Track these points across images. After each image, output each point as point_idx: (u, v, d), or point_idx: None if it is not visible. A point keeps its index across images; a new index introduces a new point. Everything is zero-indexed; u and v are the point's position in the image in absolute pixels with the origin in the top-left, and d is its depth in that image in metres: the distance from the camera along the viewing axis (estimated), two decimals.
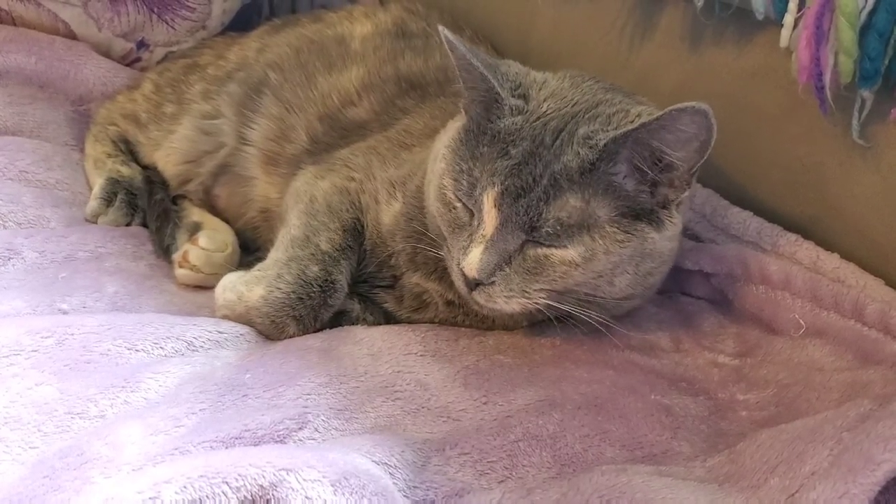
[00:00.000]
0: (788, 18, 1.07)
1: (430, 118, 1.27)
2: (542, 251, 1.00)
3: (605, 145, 0.97)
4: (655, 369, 1.07)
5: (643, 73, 1.37)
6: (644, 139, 0.96)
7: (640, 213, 1.01)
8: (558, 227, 0.98)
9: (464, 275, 1.01)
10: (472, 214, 1.03)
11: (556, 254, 0.99)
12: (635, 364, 1.08)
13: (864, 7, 0.99)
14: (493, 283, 1.01)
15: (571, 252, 0.99)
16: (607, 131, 0.99)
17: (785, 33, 1.08)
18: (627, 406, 0.97)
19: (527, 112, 1.02)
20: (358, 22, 1.48)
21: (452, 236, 1.05)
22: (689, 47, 1.31)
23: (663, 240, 1.03)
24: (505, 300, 1.02)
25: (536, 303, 1.02)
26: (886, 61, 1.00)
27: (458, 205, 1.04)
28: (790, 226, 1.17)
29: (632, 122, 1.00)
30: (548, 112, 1.02)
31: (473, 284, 1.01)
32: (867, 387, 0.96)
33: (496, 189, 0.99)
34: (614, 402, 0.97)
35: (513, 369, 1.04)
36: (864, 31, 1.00)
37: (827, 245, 1.13)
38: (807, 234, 1.16)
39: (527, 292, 1.01)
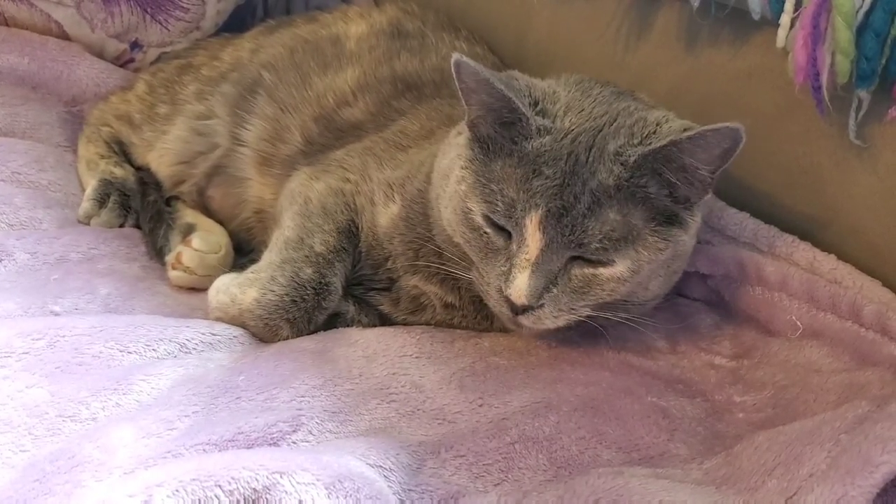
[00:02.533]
0: (785, 18, 1.07)
1: (427, 119, 1.26)
2: (589, 271, 0.99)
3: (634, 161, 0.97)
4: (652, 371, 1.07)
5: (639, 73, 1.36)
6: (673, 155, 0.96)
7: (671, 218, 1.01)
8: (606, 242, 0.97)
9: (509, 301, 0.99)
10: (506, 237, 1.01)
11: (604, 272, 0.99)
12: (631, 366, 1.07)
13: (860, 7, 0.98)
14: (541, 305, 0.99)
15: (619, 268, 0.99)
16: (634, 146, 0.98)
17: (781, 33, 1.07)
18: (624, 408, 0.97)
19: (554, 132, 1.00)
20: (353, 22, 1.47)
21: (485, 261, 1.03)
22: (686, 48, 1.31)
23: (689, 238, 1.04)
24: (553, 320, 1.01)
25: (580, 316, 1.02)
26: (883, 61, 1.00)
27: (489, 230, 1.01)
28: (787, 227, 1.17)
29: (653, 131, 1.00)
30: (572, 128, 1.00)
31: (521, 310, 0.99)
32: (865, 388, 0.95)
33: (540, 211, 0.97)
34: (610, 404, 0.97)
35: (508, 371, 1.03)
36: (860, 31, 0.99)
37: (824, 246, 1.13)
38: (803, 235, 1.15)
39: (574, 309, 1.01)
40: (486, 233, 1.02)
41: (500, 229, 1.01)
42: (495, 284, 1.01)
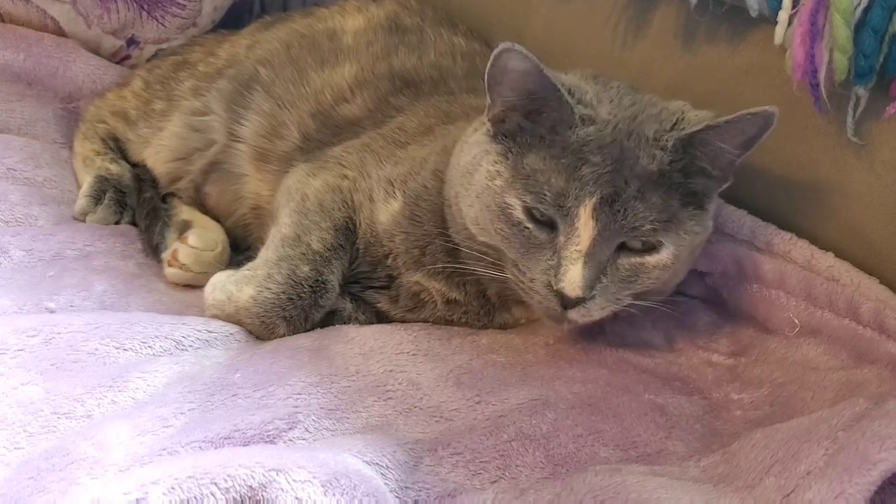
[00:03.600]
0: (783, 15, 1.07)
1: (425, 116, 1.26)
2: (636, 259, 1.00)
3: (672, 145, 0.98)
4: (649, 368, 1.07)
5: (637, 70, 1.36)
6: (708, 139, 0.98)
7: (701, 203, 1.02)
8: (657, 224, 0.98)
9: (561, 295, 0.98)
10: (549, 231, 1.00)
11: (650, 260, 1.00)
12: (629, 363, 1.07)
13: (858, 4, 0.98)
14: (592, 297, 0.99)
15: (664, 254, 1.00)
16: (669, 131, 1.00)
17: (779, 30, 1.07)
18: (621, 405, 0.96)
19: (597, 121, 1.00)
20: (350, 16, 1.47)
21: (526, 256, 1.01)
22: (683, 45, 1.31)
23: (712, 225, 1.06)
24: (600, 311, 1.01)
25: (622, 306, 1.03)
26: (881, 58, 1.00)
27: (531, 224, 1.00)
28: (784, 224, 1.17)
29: (681, 118, 1.02)
30: (611, 118, 1.01)
31: (573, 304, 0.98)
32: (862, 386, 0.95)
33: (594, 198, 0.96)
34: (608, 402, 0.97)
35: (506, 368, 1.03)
36: (858, 28, 0.99)
37: (821, 244, 1.13)
38: (801, 232, 1.15)
39: (619, 299, 1.01)
40: (527, 227, 1.01)
41: (542, 223, 1.00)
42: (542, 280, 1.00)
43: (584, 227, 0.97)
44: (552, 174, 0.99)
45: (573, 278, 0.97)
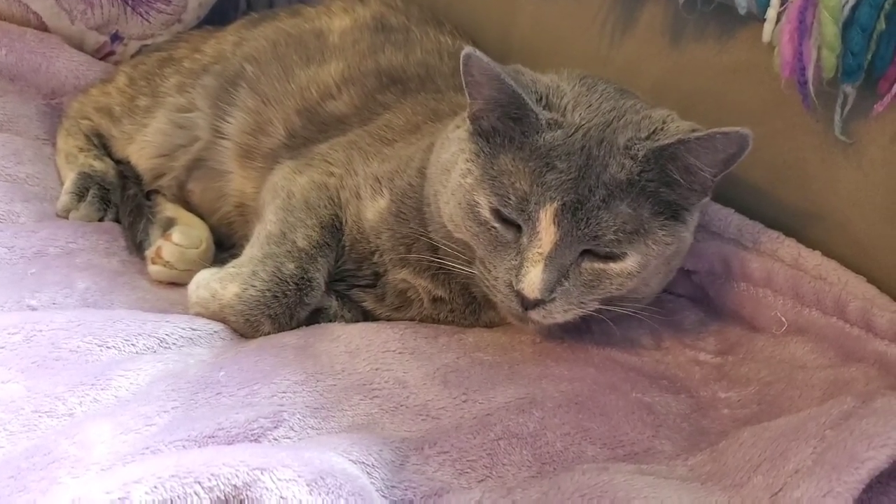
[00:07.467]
0: (771, 13, 1.07)
1: (412, 114, 1.25)
2: (599, 265, 1.00)
3: (643, 156, 0.97)
4: (636, 367, 1.07)
5: (624, 68, 1.36)
6: (679, 153, 0.97)
7: (676, 213, 1.02)
8: (620, 235, 0.97)
9: (521, 295, 0.99)
10: (516, 231, 1.00)
11: (614, 267, 1.00)
12: (616, 362, 1.07)
13: (846, 2, 0.98)
14: (552, 300, 0.99)
15: (629, 262, 1.00)
16: (643, 140, 0.99)
17: (767, 28, 1.07)
18: (608, 404, 0.96)
19: (564, 126, 1.00)
20: (336, 16, 1.46)
21: (493, 255, 1.02)
22: (671, 43, 1.30)
23: (689, 236, 1.06)
24: (562, 314, 1.01)
25: (588, 311, 1.02)
26: (869, 56, 1.00)
27: (498, 224, 1.01)
28: (772, 223, 1.17)
29: (660, 127, 1.01)
30: (582, 123, 1.00)
31: (532, 304, 0.99)
32: (850, 384, 0.96)
33: (555, 204, 0.97)
34: (595, 400, 0.96)
35: (493, 367, 1.03)
36: (846, 26, 0.99)
37: (809, 242, 1.13)
38: (788, 231, 1.15)
39: (583, 303, 1.01)
40: (493, 227, 1.01)
41: (509, 223, 1.01)
42: (504, 279, 1.00)
43: (546, 231, 0.97)
44: (518, 177, 0.99)
45: (532, 280, 0.97)
